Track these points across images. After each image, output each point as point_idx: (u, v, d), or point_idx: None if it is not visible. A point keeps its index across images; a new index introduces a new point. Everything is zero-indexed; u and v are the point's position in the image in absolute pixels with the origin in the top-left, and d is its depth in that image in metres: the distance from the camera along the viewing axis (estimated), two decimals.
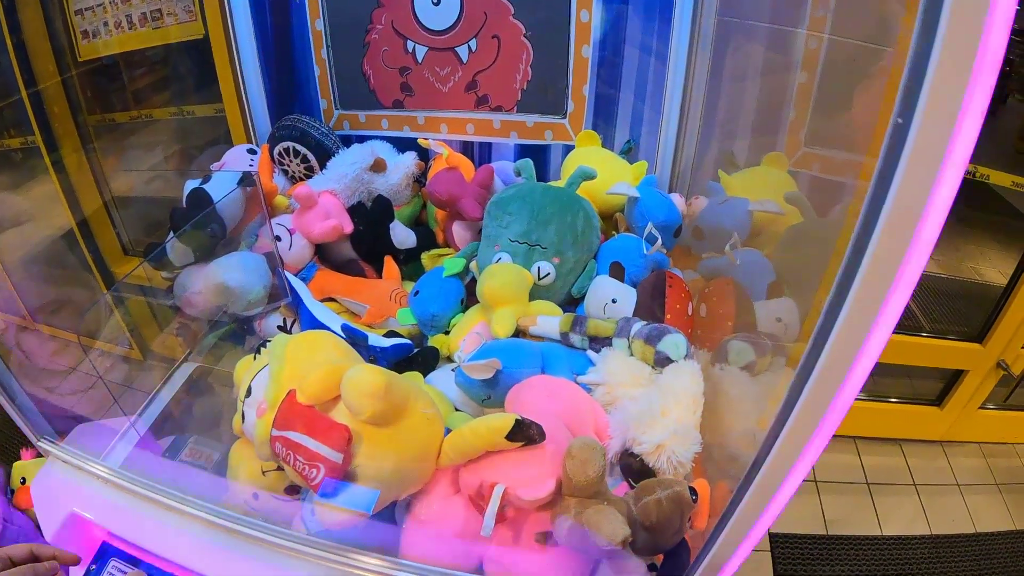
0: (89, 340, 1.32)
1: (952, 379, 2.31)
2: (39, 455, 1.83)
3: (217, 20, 1.70)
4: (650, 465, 0.98)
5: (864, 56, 1.22)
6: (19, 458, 1.86)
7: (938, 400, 2.37)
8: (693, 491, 0.90)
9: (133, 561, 1.06)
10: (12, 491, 1.80)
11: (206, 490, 1.10)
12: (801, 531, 2.08)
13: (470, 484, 0.92)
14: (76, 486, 1.13)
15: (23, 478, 1.81)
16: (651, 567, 0.93)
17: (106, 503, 1.09)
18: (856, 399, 0.57)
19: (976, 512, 2.18)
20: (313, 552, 0.97)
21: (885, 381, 2.42)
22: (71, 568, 1.03)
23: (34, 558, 0.85)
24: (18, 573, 0.81)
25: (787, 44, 1.42)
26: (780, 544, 2.03)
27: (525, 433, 0.88)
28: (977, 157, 0.44)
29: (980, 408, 2.35)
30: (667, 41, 1.43)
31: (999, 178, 2.05)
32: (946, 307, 2.39)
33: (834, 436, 0.60)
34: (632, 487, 0.97)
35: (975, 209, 2.45)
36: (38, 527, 1.73)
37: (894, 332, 0.52)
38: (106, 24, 1.92)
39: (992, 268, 2.52)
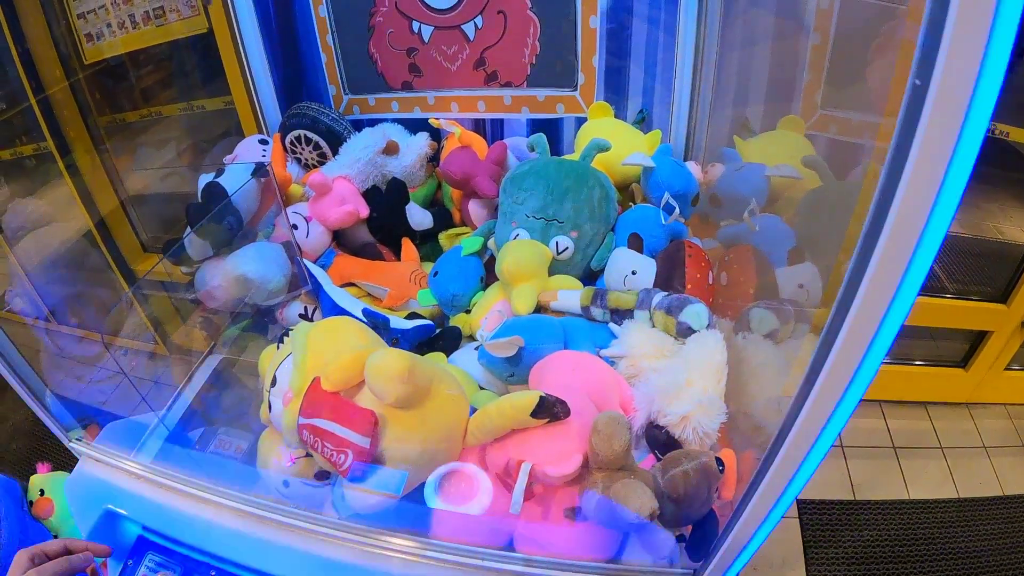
0: (114, 338, 1.33)
1: (976, 340, 2.28)
2: (54, 469, 1.89)
3: (220, 13, 1.70)
4: (676, 436, 0.97)
5: (878, 15, 1.19)
6: (35, 472, 1.91)
7: (963, 362, 2.35)
8: (720, 461, 0.90)
9: (169, 554, 1.07)
10: (30, 503, 1.85)
11: (237, 480, 1.12)
12: (828, 496, 2.08)
13: (497, 462, 0.92)
14: (109, 483, 1.14)
15: (41, 490, 1.86)
16: (679, 538, 0.93)
17: (140, 498, 1.11)
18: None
19: (1003, 474, 2.16)
20: (345, 536, 0.98)
21: (909, 343, 2.39)
22: (110, 566, 1.06)
23: (68, 552, 0.88)
24: (55, 565, 0.84)
25: (799, 4, 1.39)
26: (807, 510, 2.03)
27: (550, 410, 0.88)
28: (996, 114, 0.42)
29: (1005, 369, 2.31)
30: (675, 5, 1.40)
31: (1019, 135, 2.01)
32: (969, 267, 2.35)
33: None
34: (659, 459, 0.97)
35: (995, 167, 2.39)
36: (56, 538, 1.78)
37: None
38: (109, 26, 1.94)
39: (1015, 227, 2.46)
